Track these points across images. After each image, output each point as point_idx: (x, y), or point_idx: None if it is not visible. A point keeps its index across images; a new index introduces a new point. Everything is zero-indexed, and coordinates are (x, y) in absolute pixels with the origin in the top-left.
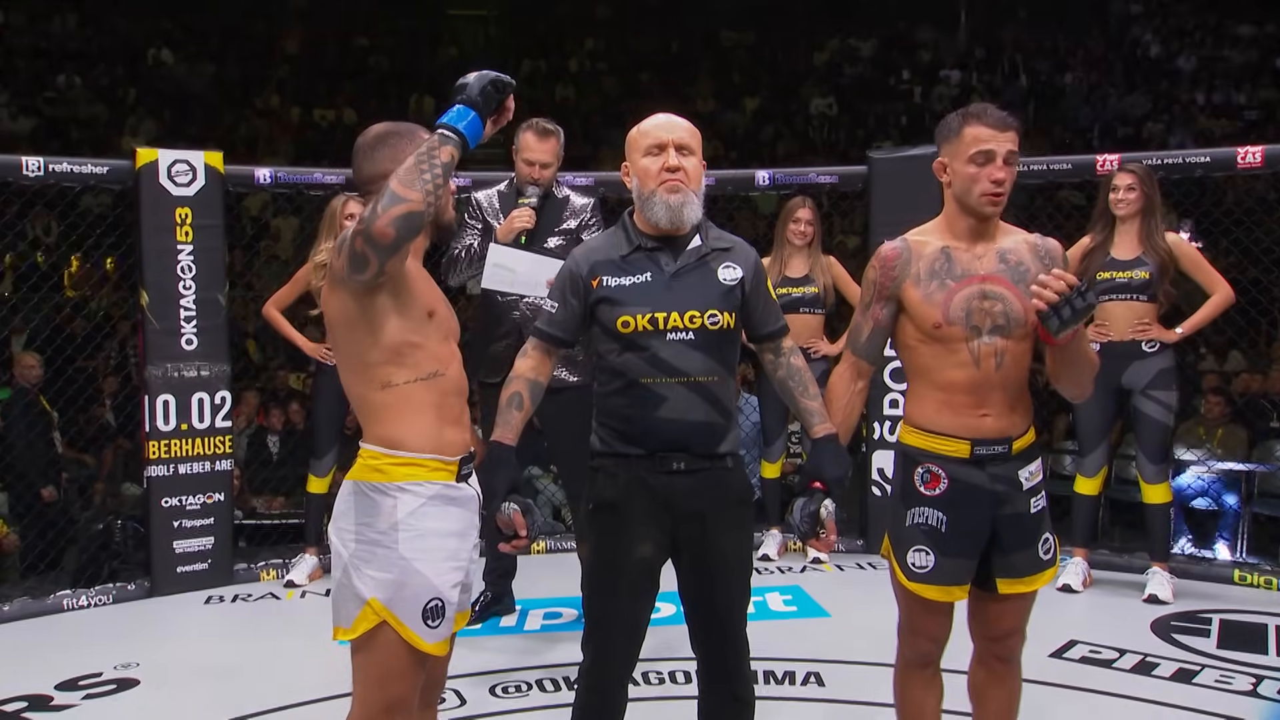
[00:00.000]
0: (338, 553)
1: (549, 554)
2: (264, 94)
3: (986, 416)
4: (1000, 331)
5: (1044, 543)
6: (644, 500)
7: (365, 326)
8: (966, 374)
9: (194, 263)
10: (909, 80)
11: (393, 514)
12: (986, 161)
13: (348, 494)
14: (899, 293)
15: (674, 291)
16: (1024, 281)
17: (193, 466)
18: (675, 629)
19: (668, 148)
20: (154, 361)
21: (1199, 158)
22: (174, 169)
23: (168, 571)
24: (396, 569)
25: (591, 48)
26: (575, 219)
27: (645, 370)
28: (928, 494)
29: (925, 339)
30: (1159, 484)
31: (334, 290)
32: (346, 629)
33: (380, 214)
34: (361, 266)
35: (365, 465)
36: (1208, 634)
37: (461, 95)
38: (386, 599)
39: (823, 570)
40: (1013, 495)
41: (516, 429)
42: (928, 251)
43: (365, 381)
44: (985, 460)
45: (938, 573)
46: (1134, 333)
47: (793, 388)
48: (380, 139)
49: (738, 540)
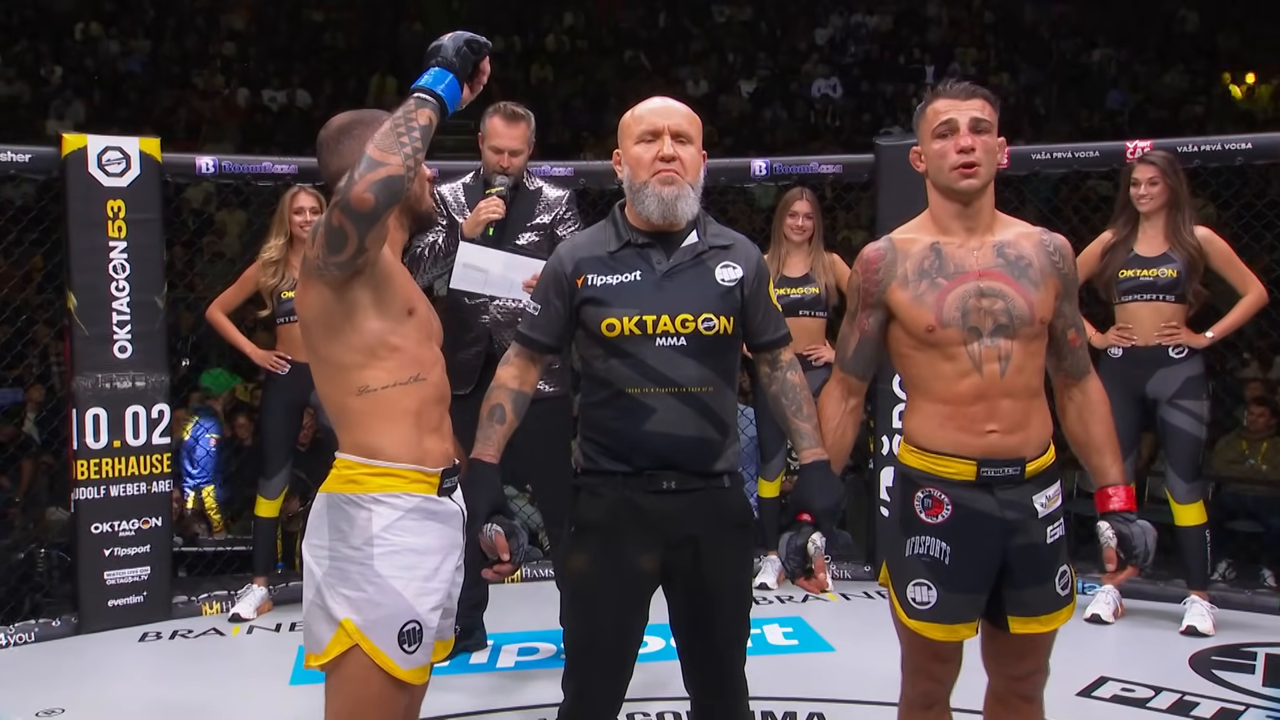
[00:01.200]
0: (310, 571)
1: (525, 582)
2: (207, 73)
3: (994, 433)
4: (1004, 332)
5: (1061, 577)
6: (631, 523)
7: (342, 324)
8: (969, 382)
9: (128, 261)
10: (920, 59)
11: (367, 528)
12: (951, 132)
13: (320, 507)
14: (885, 297)
15: (665, 292)
16: (1026, 277)
17: (126, 488)
18: (666, 665)
19: (663, 135)
20: (82, 371)
21: (1240, 144)
22: (105, 157)
23: (98, 605)
24: (371, 587)
25: (571, 23)
26: (549, 213)
27: (632, 379)
28: (929, 521)
29: (919, 345)
30: (1192, 504)
31: (309, 283)
32: (318, 654)
33: (357, 180)
34: (340, 244)
35: (340, 476)
36: (1253, 670)
37: (437, 57)
38: (360, 620)
39: (826, 600)
40: (1026, 523)
41: (499, 445)
42: (915, 250)
43: (340, 386)
44: (994, 483)
45: (941, 610)
46: (1160, 337)
47: (785, 405)
48: (343, 130)
49: (735, 567)
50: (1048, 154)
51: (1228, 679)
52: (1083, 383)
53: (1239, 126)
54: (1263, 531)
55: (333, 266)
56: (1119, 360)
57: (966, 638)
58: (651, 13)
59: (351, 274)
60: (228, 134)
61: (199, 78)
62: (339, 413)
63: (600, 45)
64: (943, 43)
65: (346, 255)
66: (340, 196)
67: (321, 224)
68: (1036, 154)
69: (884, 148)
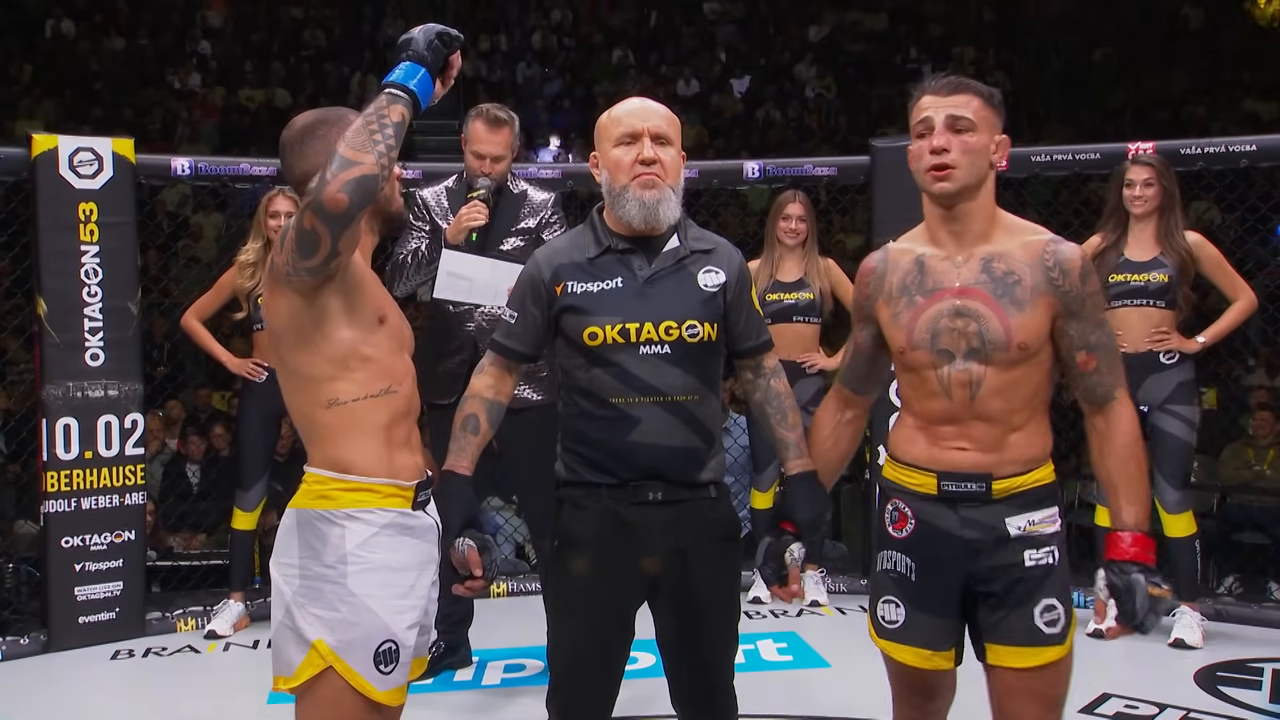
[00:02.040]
0: (279, 590)
1: (510, 597)
2: (182, 72)
3: (962, 450)
4: (976, 356)
5: (1045, 610)
6: (617, 536)
7: (312, 333)
8: (939, 404)
9: (100, 266)
10: (917, 58)
11: (341, 545)
12: (927, 131)
13: (290, 524)
14: (874, 312)
15: (648, 299)
16: (1010, 295)
17: (98, 500)
18: (653, 682)
19: (642, 137)
20: (53, 380)
21: (1244, 145)
22: (76, 158)
23: (68, 622)
24: (345, 607)
25: (558, 21)
26: (534, 217)
27: (616, 389)
28: (895, 535)
29: (900, 365)
30: (1182, 513)
31: (278, 291)
32: (289, 676)
33: (330, 179)
34: (311, 248)
35: (310, 491)
36: (1259, 686)
37: (408, 51)
38: (334, 641)
39: (822, 614)
40: (991, 547)
41: (472, 456)
42: (904, 262)
43: (310, 398)
44: (957, 500)
45: (909, 630)
46: (1150, 343)
47: (770, 414)
48: (308, 130)
49: (724, 580)
50: (1048, 156)
51: (1234, 695)
52: (1105, 410)
53: (1243, 128)
54: (1269, 544)
55: (304, 272)
56: None
57: (942, 668)
58: (641, 10)
59: (323, 280)
60: (204, 135)
61: (174, 77)
62: (308, 426)
63: (588, 44)
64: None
65: (319, 259)
66: (312, 198)
67: (291, 228)
68: (1036, 156)
69: (880, 150)
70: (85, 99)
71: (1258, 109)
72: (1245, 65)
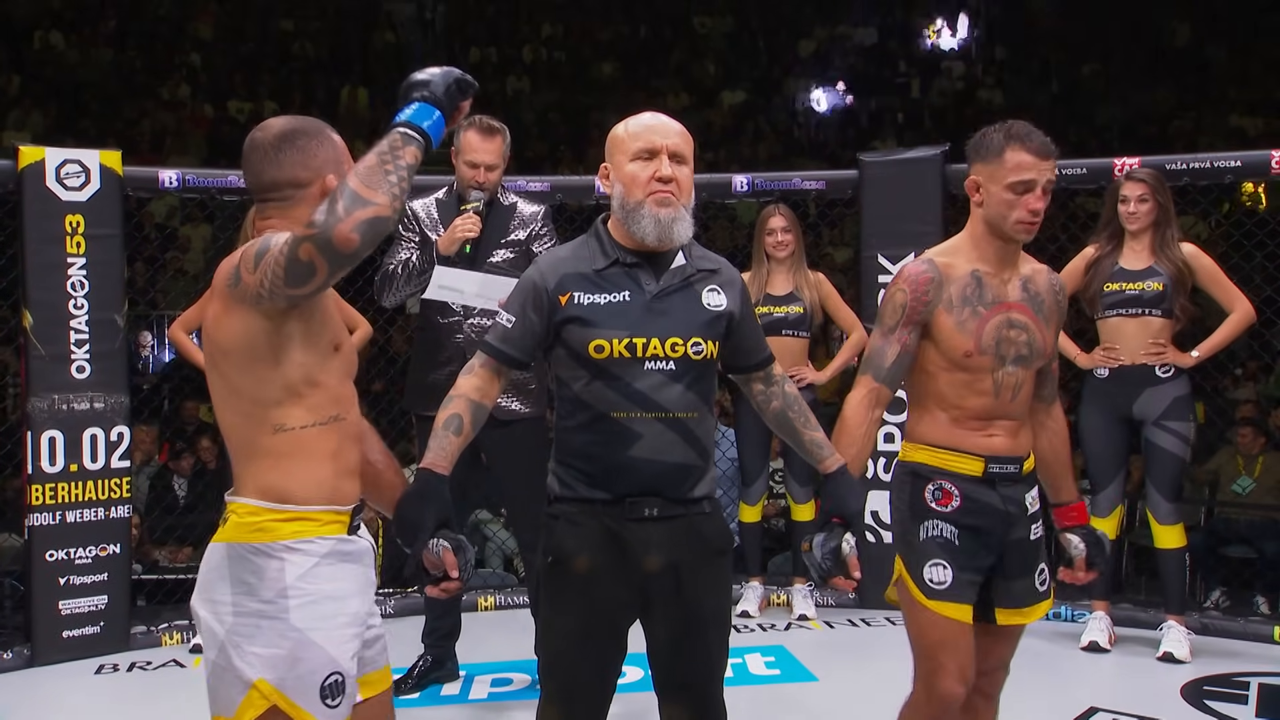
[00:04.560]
0: (210, 629)
1: (498, 610)
2: (171, 84)
3: (995, 436)
4: (1022, 362)
5: (1040, 573)
6: (611, 552)
7: (266, 355)
8: (983, 402)
9: (87, 278)
10: (907, 73)
11: (280, 578)
12: (1026, 191)
13: (219, 559)
14: (931, 318)
15: (655, 315)
16: (1043, 313)
17: (83, 513)
18: (644, 696)
19: (660, 154)
20: (38, 392)
21: (1229, 161)
22: (64, 170)
23: (52, 636)
24: (288, 643)
25: (548, 34)
26: (524, 229)
27: (618, 403)
28: (941, 509)
29: (949, 366)
30: (1173, 525)
31: (236, 309)
32: (229, 717)
33: (344, 217)
34: (304, 279)
35: (242, 524)
36: (1245, 700)
37: (423, 91)
38: (276, 679)
39: (809, 628)
40: (1019, 519)
41: (451, 456)
42: (958, 275)
43: (254, 423)
44: (997, 479)
45: (956, 588)
46: (1146, 355)
47: (793, 419)
48: (285, 138)
49: (715, 595)
50: None
51: (1220, 709)
52: (1051, 407)
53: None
54: (1256, 557)
55: (285, 298)
56: (1105, 381)
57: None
58: (631, 24)
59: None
60: (192, 146)
61: (163, 88)
62: (247, 451)
63: (578, 57)
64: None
65: (309, 290)
66: (319, 230)
67: (277, 252)
68: None
69: (868, 164)
70: (73, 111)
71: (1244, 124)
72: (1232, 81)
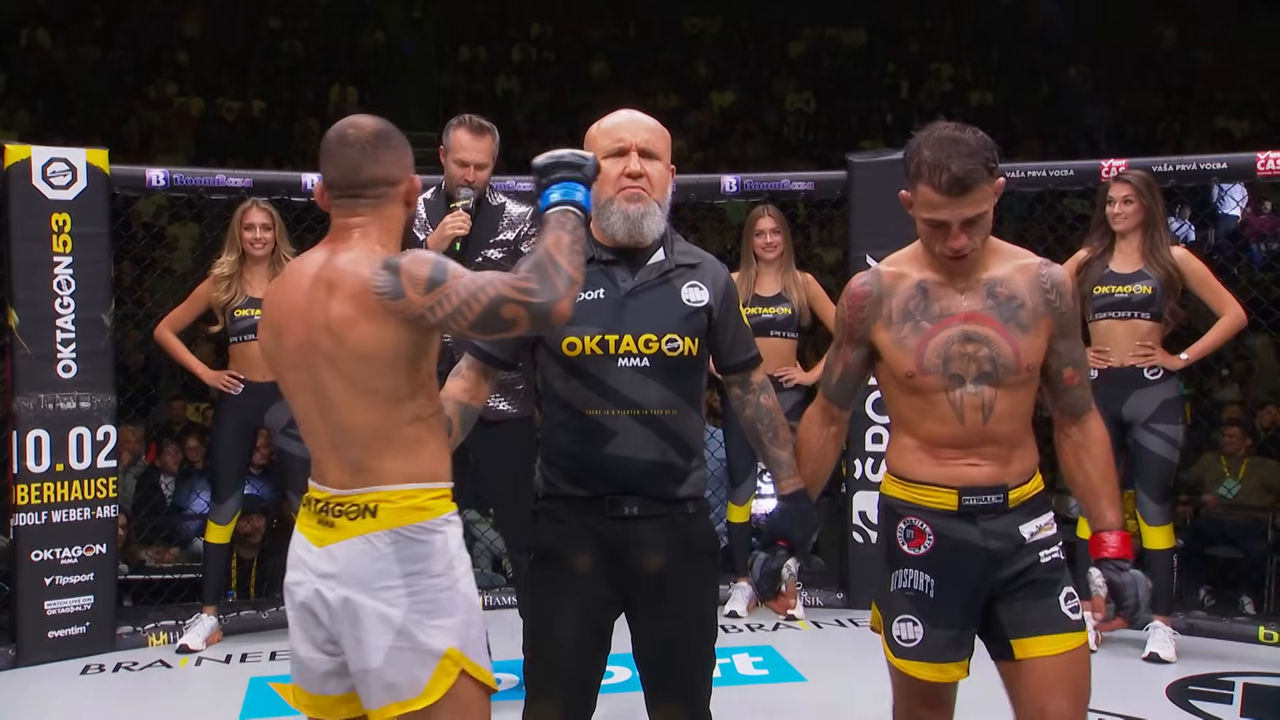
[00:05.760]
0: (382, 617)
1: (486, 611)
2: (159, 82)
3: (976, 466)
4: (987, 380)
5: (1068, 597)
6: (592, 550)
7: (410, 359)
8: (949, 429)
9: (73, 277)
10: (895, 74)
11: (446, 550)
12: (940, 227)
13: (384, 546)
14: (869, 336)
15: (628, 311)
16: (1015, 319)
17: (69, 513)
18: (630, 696)
19: (630, 151)
20: (24, 392)
21: (1214, 164)
22: (50, 169)
23: (37, 637)
24: (462, 609)
25: (538, 34)
26: (513, 230)
27: (593, 400)
28: (911, 553)
29: (901, 389)
30: (1162, 526)
31: (386, 320)
32: (418, 696)
33: (565, 294)
34: (496, 330)
35: (404, 507)
36: (1230, 700)
37: (579, 173)
38: (461, 644)
39: (798, 628)
40: (1012, 554)
41: None
42: (903, 287)
43: (392, 416)
44: (976, 512)
45: (927, 647)
46: (1135, 358)
47: (761, 432)
48: (382, 137)
49: (700, 596)
50: (1022, 172)
51: (1205, 709)
52: (1081, 421)
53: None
54: (1242, 558)
55: (458, 334)
56: (1095, 382)
57: (958, 678)
58: (621, 24)
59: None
60: (180, 145)
61: (150, 87)
62: (383, 443)
63: (567, 57)
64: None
65: (492, 337)
66: (539, 302)
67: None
68: (1011, 172)
69: (856, 165)
70: (60, 109)
71: (1230, 126)
72: (1218, 83)
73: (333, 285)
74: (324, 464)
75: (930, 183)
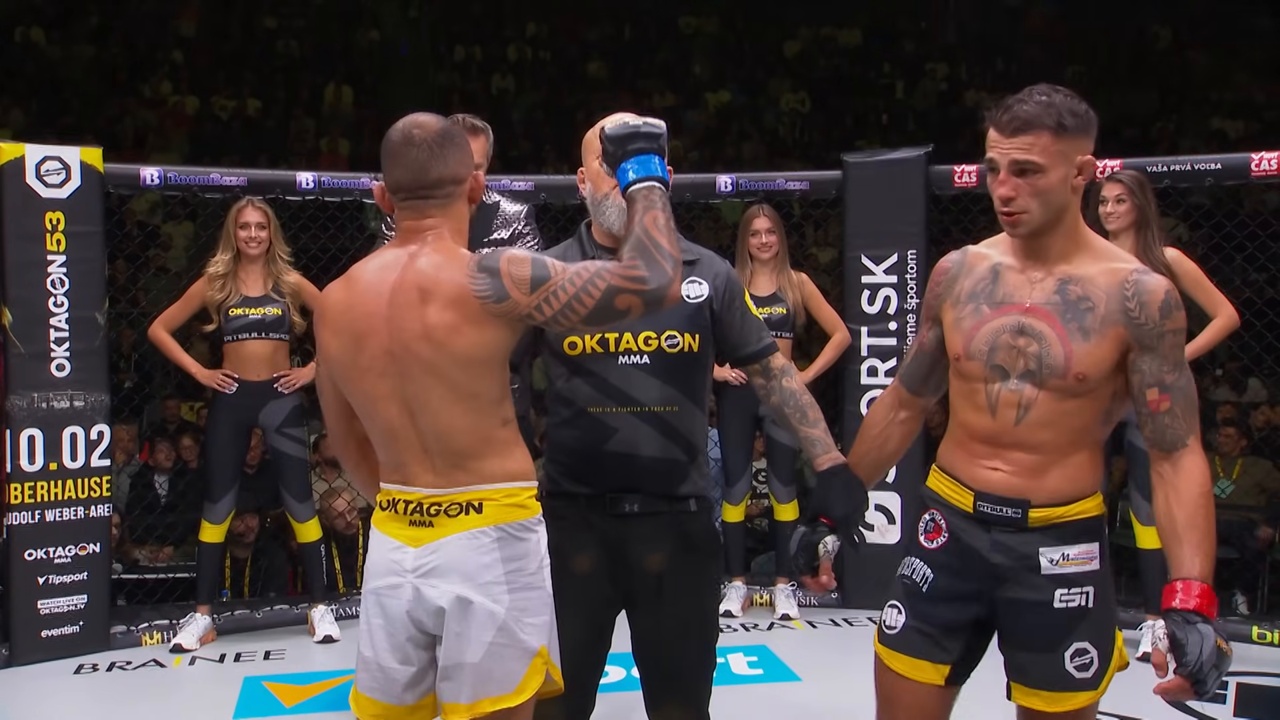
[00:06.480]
0: (486, 612)
1: None
2: (153, 81)
3: (996, 470)
4: (1031, 378)
5: (1075, 654)
6: (593, 547)
7: (502, 361)
8: (981, 421)
9: (67, 276)
10: (891, 74)
11: (539, 549)
12: (991, 171)
13: (489, 542)
14: (940, 313)
15: None
16: (1079, 321)
17: (63, 512)
18: (628, 695)
19: None
20: (18, 390)
21: (1208, 164)
22: (44, 167)
23: (30, 636)
24: (548, 607)
25: (533, 33)
26: (507, 229)
27: (594, 398)
28: (926, 545)
29: (954, 371)
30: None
31: (491, 323)
32: (511, 693)
33: (674, 277)
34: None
35: (506, 505)
36: (1223, 699)
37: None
38: (548, 643)
39: (792, 628)
40: (1021, 576)
41: None
42: (980, 268)
43: (487, 419)
44: (991, 522)
45: (904, 638)
46: None
47: (789, 414)
48: (448, 137)
49: (699, 597)
50: None
51: (1199, 709)
52: (1173, 457)
53: (1211, 145)
54: (1235, 557)
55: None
56: None
57: (929, 682)
58: (616, 24)
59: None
60: (175, 144)
61: (145, 85)
62: (480, 445)
63: (563, 56)
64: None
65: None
66: (651, 288)
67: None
68: None
69: (851, 164)
70: (54, 107)
71: (1225, 127)
72: (1213, 84)
73: (426, 292)
74: (410, 466)
75: (993, 120)
